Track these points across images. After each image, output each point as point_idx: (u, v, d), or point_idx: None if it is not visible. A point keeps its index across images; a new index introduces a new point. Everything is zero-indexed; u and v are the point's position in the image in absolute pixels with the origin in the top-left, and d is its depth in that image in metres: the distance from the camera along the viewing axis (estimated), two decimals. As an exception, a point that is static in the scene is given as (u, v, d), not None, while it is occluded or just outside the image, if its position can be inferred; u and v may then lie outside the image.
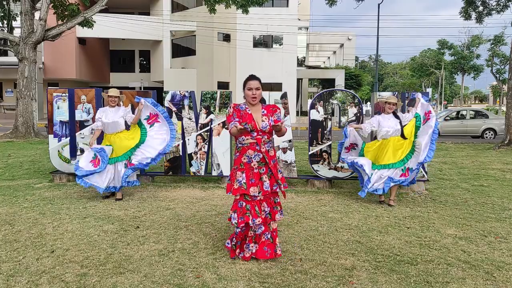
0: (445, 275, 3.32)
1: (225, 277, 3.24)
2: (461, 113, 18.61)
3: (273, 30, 27.93)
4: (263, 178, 3.52)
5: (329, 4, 16.97)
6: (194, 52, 29.22)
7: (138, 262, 3.52)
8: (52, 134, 6.97)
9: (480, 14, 16.11)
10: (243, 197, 3.54)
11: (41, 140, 13.75)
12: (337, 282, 3.17)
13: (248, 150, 3.52)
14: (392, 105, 5.63)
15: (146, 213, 5.08)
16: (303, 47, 38.72)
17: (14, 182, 7.02)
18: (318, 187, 6.65)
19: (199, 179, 7.24)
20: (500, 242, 4.10)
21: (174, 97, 6.78)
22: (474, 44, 45.42)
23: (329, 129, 6.55)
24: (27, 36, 14.95)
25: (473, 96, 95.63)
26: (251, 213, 3.50)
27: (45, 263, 3.49)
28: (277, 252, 3.59)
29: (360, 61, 74.28)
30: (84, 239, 4.09)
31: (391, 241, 4.10)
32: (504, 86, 38.35)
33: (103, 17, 23.28)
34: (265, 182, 3.51)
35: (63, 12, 16.40)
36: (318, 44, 49.51)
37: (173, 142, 5.94)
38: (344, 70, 35.18)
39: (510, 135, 12.82)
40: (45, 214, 4.98)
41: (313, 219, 4.86)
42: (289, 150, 6.62)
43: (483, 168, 8.81)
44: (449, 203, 5.71)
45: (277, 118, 3.56)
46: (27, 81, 14.99)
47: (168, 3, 30.06)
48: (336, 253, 3.75)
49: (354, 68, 47.80)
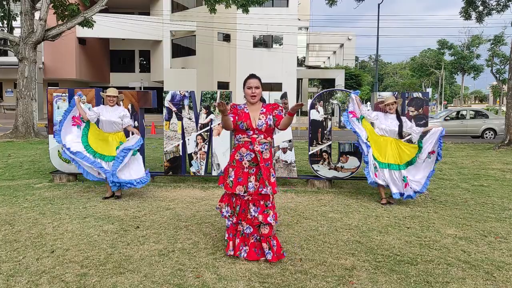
0: (445, 275, 3.32)
1: (225, 277, 3.24)
2: (461, 113, 18.61)
3: (273, 30, 27.95)
4: (250, 178, 3.52)
5: (329, 4, 16.96)
6: (194, 52, 29.24)
7: (138, 262, 3.52)
8: (52, 134, 6.96)
9: (480, 14, 16.11)
10: (233, 194, 3.59)
11: (41, 140, 13.75)
12: (337, 282, 3.17)
13: (241, 148, 3.55)
14: (391, 105, 5.64)
15: (146, 213, 5.08)
16: (303, 47, 38.75)
17: (14, 182, 7.02)
18: (318, 187, 6.65)
19: (199, 179, 7.24)
20: (500, 242, 4.10)
21: (174, 97, 6.78)
22: (474, 44, 45.41)
23: (329, 129, 6.55)
24: (27, 36, 14.95)
25: (473, 96, 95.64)
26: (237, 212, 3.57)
27: (45, 263, 3.49)
28: (267, 256, 3.50)
29: (360, 61, 74.29)
30: (84, 239, 4.09)
31: (391, 241, 4.10)
32: (504, 86, 38.36)
33: (103, 17, 23.29)
34: (250, 183, 3.51)
35: (63, 12, 16.40)
36: (318, 44, 49.54)
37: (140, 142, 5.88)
38: (344, 70, 35.22)
39: (510, 135, 12.82)
40: (45, 214, 4.98)
41: (313, 219, 4.86)
42: (289, 150, 6.62)
43: (483, 168, 8.81)
44: (449, 203, 5.71)
45: (278, 113, 3.56)
46: (27, 81, 14.99)
47: (168, 3, 30.08)
48: (336, 253, 3.75)
49: (354, 68, 47.82)
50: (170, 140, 6.80)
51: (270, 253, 3.52)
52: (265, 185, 3.50)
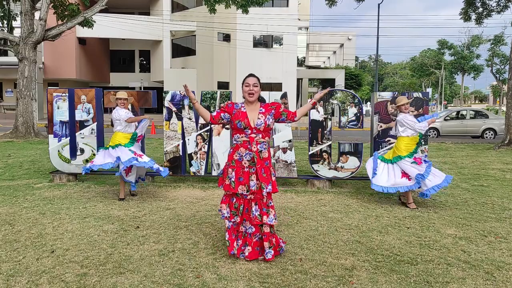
0: (445, 275, 3.32)
1: (225, 277, 3.24)
2: (461, 113, 18.61)
3: (273, 30, 27.91)
4: (252, 177, 3.53)
5: (329, 4, 16.94)
6: (194, 52, 29.23)
7: (138, 262, 3.52)
8: (52, 134, 6.97)
9: (479, 15, 16.10)
10: (235, 194, 3.59)
11: (41, 140, 13.75)
12: (337, 282, 3.17)
13: (240, 148, 3.56)
14: (407, 105, 5.58)
15: (146, 213, 5.08)
16: (303, 47, 38.73)
17: (14, 182, 7.02)
18: (318, 187, 6.65)
19: (199, 179, 7.24)
20: (500, 242, 4.10)
21: (174, 97, 6.78)
22: (474, 44, 45.38)
23: (329, 129, 6.54)
24: (27, 36, 14.95)
25: (473, 96, 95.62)
26: (241, 212, 3.57)
27: (45, 263, 3.49)
28: (267, 255, 3.52)
29: (360, 61, 74.28)
30: (84, 239, 4.09)
31: (391, 241, 4.10)
32: (504, 86, 38.35)
33: (103, 17, 23.29)
34: (251, 181, 3.53)
35: (63, 12, 16.40)
36: (318, 44, 49.51)
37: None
38: (344, 70, 35.18)
39: (510, 135, 12.82)
40: (45, 214, 4.98)
41: (313, 219, 4.86)
42: (289, 150, 6.61)
43: (483, 168, 8.81)
44: (449, 203, 5.71)
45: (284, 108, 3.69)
46: (27, 81, 14.98)
47: (168, 3, 30.08)
48: (336, 253, 3.75)
49: (354, 68, 47.79)
50: (170, 140, 6.81)
51: (271, 252, 3.54)
52: (268, 182, 3.51)
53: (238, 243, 3.63)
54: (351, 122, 6.55)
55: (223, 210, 3.67)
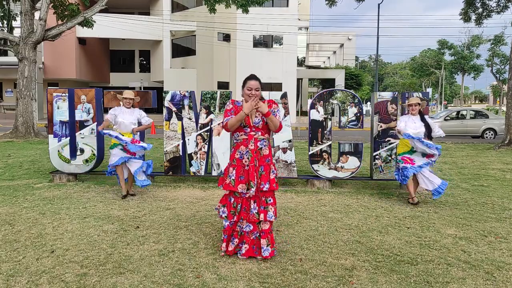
0: (445, 275, 3.32)
1: (225, 277, 3.24)
2: (461, 113, 18.61)
3: (273, 30, 27.89)
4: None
5: (329, 4, 16.94)
6: (194, 52, 29.22)
7: (138, 262, 3.52)
8: (52, 134, 6.97)
9: (479, 16, 16.10)
10: (233, 193, 3.61)
11: (41, 140, 13.75)
12: (337, 282, 3.17)
13: (240, 146, 3.58)
14: (414, 106, 5.59)
15: (146, 213, 5.08)
16: (303, 47, 38.70)
17: (14, 182, 7.02)
18: (318, 187, 6.65)
19: (199, 179, 7.24)
20: (500, 242, 4.10)
21: (174, 97, 6.78)
22: (474, 44, 45.38)
23: (329, 129, 6.54)
24: (27, 36, 14.95)
25: (473, 96, 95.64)
26: (239, 211, 3.57)
27: (45, 263, 3.49)
28: (264, 253, 3.55)
29: (360, 61, 74.28)
30: (84, 239, 4.09)
31: (391, 241, 4.10)
32: (504, 86, 38.36)
33: (103, 17, 23.28)
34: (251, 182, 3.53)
35: (63, 12, 16.40)
36: (318, 44, 49.48)
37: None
38: (344, 70, 35.15)
39: (510, 135, 12.82)
40: (45, 214, 4.98)
41: (313, 219, 4.86)
42: (289, 150, 6.61)
43: (483, 168, 8.81)
44: (449, 203, 5.71)
45: (271, 110, 3.54)
46: (27, 81, 14.99)
47: (168, 3, 30.06)
48: (336, 253, 3.75)
49: (354, 68, 47.77)
50: (170, 140, 6.80)
51: (268, 250, 3.55)
52: (266, 181, 3.53)
53: (234, 241, 3.64)
54: (351, 122, 6.55)
55: (220, 210, 3.69)
